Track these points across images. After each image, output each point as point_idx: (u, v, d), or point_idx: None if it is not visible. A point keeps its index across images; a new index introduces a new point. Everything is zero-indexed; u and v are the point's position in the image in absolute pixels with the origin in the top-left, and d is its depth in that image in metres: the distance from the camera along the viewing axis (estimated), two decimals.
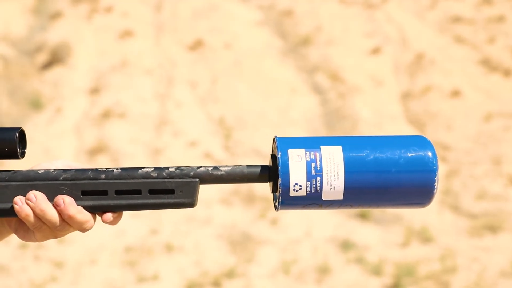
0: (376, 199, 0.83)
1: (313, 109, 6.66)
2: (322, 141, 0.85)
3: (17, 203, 0.84)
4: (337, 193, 0.82)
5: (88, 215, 0.87)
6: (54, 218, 0.85)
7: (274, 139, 0.86)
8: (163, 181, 0.87)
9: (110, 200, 0.87)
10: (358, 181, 0.82)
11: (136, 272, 4.52)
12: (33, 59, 7.26)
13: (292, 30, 7.65)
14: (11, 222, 0.90)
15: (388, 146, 0.83)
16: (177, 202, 0.87)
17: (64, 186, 0.86)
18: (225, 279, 4.45)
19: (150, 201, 0.87)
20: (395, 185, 0.82)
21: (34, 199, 0.85)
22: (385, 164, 0.82)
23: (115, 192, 0.87)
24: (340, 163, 0.82)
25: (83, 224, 0.86)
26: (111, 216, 0.87)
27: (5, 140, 0.85)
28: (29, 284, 4.40)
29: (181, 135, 6.25)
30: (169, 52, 7.34)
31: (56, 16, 7.74)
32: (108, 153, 5.99)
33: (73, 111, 6.57)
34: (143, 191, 0.87)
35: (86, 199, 0.86)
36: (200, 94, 6.82)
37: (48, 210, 0.85)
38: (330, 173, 0.81)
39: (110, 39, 7.44)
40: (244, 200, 5.39)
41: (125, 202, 0.87)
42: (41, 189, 0.86)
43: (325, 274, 4.48)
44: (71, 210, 0.85)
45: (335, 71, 7.03)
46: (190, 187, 0.87)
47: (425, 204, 0.85)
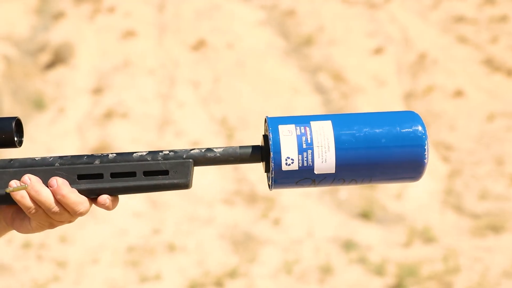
0: (368, 174, 0.84)
1: (316, 109, 6.66)
2: (312, 117, 0.86)
3: (12, 186, 0.85)
4: (329, 167, 0.82)
5: (82, 197, 0.87)
6: (48, 199, 0.85)
7: (266, 120, 0.87)
8: (158, 162, 0.88)
9: (106, 183, 0.87)
10: (349, 155, 0.82)
11: (138, 271, 4.53)
12: (36, 59, 7.28)
13: (294, 30, 7.65)
14: (8, 213, 0.90)
15: (378, 121, 0.84)
16: (172, 183, 0.88)
17: (60, 171, 0.87)
18: (227, 279, 4.45)
19: (145, 183, 0.88)
20: (386, 159, 0.83)
21: (28, 181, 0.86)
22: (376, 139, 0.83)
23: (110, 175, 0.87)
24: (330, 136, 0.82)
25: (77, 205, 0.86)
26: (107, 198, 0.87)
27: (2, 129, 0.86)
28: (31, 283, 4.41)
29: (184, 135, 6.25)
30: (171, 52, 7.35)
31: (59, 16, 7.76)
32: None
33: (75, 111, 6.59)
34: (138, 173, 0.87)
35: (82, 182, 0.87)
36: (203, 94, 6.83)
37: (42, 191, 0.85)
38: (320, 145, 0.82)
39: (112, 39, 7.46)
40: (246, 200, 5.39)
41: (121, 185, 0.87)
42: (38, 174, 0.87)
43: (328, 274, 4.48)
44: (64, 190, 0.85)
45: (337, 71, 7.04)
46: (184, 168, 0.88)
47: (417, 178, 0.85)
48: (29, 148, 5.63)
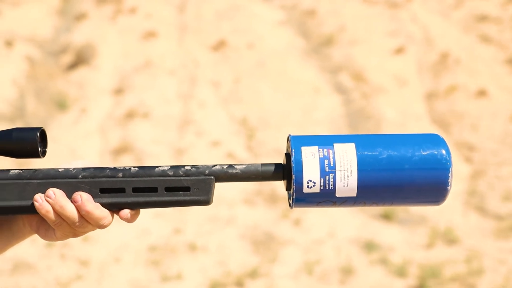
0: (390, 196, 0.83)
1: (336, 109, 6.63)
2: (335, 139, 0.85)
3: (37, 200, 0.86)
4: (351, 190, 0.82)
5: (105, 211, 0.88)
6: (72, 214, 0.86)
7: (288, 138, 0.87)
8: (179, 178, 0.88)
9: (128, 197, 0.88)
10: (372, 178, 0.82)
11: (160, 271, 4.56)
12: (59, 60, 7.36)
13: (315, 30, 7.63)
14: (33, 221, 0.92)
15: (402, 144, 0.83)
16: (192, 200, 0.88)
17: (82, 184, 0.88)
18: (248, 279, 4.45)
19: (167, 199, 0.88)
20: (408, 183, 0.82)
21: (53, 196, 0.86)
22: (399, 162, 0.82)
23: (132, 190, 0.88)
24: (353, 160, 0.82)
25: (100, 220, 0.88)
26: (129, 213, 0.89)
27: (27, 140, 0.87)
28: (55, 282, 4.46)
29: (204, 135, 6.27)
30: (192, 53, 7.38)
31: (81, 17, 7.84)
32: (132, 153, 6.05)
33: (97, 111, 6.65)
34: (160, 188, 0.88)
35: (104, 196, 0.88)
36: (223, 94, 6.84)
37: (67, 206, 0.86)
38: (343, 169, 0.81)
39: (134, 40, 7.51)
40: (267, 200, 5.39)
41: (142, 199, 0.88)
42: (61, 187, 0.88)
43: (349, 275, 4.46)
44: (89, 206, 0.87)
45: (358, 71, 7.00)
46: (205, 185, 0.88)
47: (439, 202, 0.84)
48: (52, 149, 5.69)
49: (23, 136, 0.87)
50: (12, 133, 0.87)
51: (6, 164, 4.90)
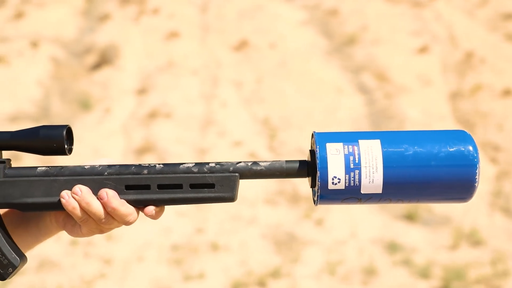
0: (416, 193, 0.82)
1: (359, 109, 6.60)
2: (360, 135, 0.84)
3: (63, 197, 0.87)
4: (376, 187, 0.81)
5: (131, 208, 0.89)
6: (98, 211, 0.87)
7: (313, 135, 0.87)
8: (204, 175, 0.89)
9: (153, 194, 0.89)
10: (397, 175, 0.81)
11: (182, 270, 4.58)
12: (83, 60, 7.44)
13: (337, 30, 7.60)
14: (59, 217, 0.93)
15: (428, 140, 0.82)
16: (217, 196, 0.89)
17: (108, 181, 0.89)
18: (270, 279, 4.45)
19: (191, 195, 0.89)
20: (435, 179, 0.81)
21: (79, 192, 0.87)
22: (425, 159, 0.81)
23: (157, 187, 0.89)
24: (378, 156, 0.81)
25: (126, 217, 0.89)
26: (153, 209, 0.89)
27: (53, 137, 0.88)
28: (79, 280, 4.51)
29: (226, 135, 6.29)
30: (214, 53, 7.41)
31: (105, 18, 7.91)
32: (155, 153, 6.09)
33: (121, 111, 6.71)
34: (184, 185, 0.89)
35: (130, 193, 0.89)
36: (245, 94, 6.85)
37: (93, 203, 0.87)
38: (368, 166, 0.81)
39: (157, 40, 7.56)
40: (289, 200, 5.39)
41: (167, 196, 0.89)
42: (87, 184, 0.89)
43: (371, 276, 4.44)
44: (114, 203, 0.87)
45: (381, 70, 6.95)
46: (230, 182, 0.89)
47: (466, 199, 0.84)
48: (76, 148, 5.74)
49: (50, 134, 0.88)
50: (39, 131, 0.88)
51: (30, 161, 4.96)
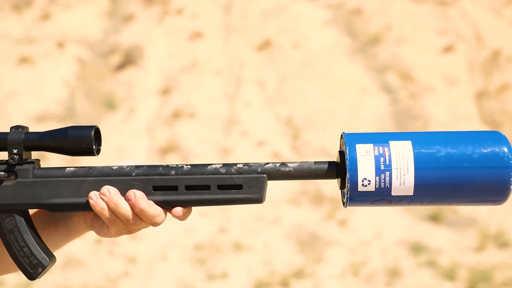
0: (448, 195, 0.80)
1: (383, 109, 6.55)
2: (391, 136, 0.82)
3: (92, 198, 0.87)
4: (407, 189, 0.80)
5: (158, 209, 0.89)
6: (126, 212, 0.87)
7: (342, 135, 0.85)
8: (232, 176, 0.88)
9: (180, 195, 0.89)
10: (429, 177, 0.79)
11: (205, 269, 4.59)
12: (108, 61, 7.51)
13: (361, 29, 7.55)
14: (88, 218, 0.93)
15: (461, 141, 0.80)
16: (245, 198, 0.88)
17: (136, 181, 0.89)
18: (293, 279, 4.44)
19: (219, 197, 0.88)
20: (468, 181, 0.79)
21: (107, 193, 0.87)
22: (457, 160, 0.79)
23: (185, 188, 0.89)
24: (409, 158, 0.80)
25: (154, 218, 0.88)
26: (181, 210, 0.89)
27: (82, 138, 0.88)
28: (104, 278, 4.55)
29: (249, 135, 6.29)
30: (237, 53, 7.41)
31: (129, 19, 7.97)
32: (178, 153, 6.12)
33: (145, 111, 6.75)
34: (212, 186, 0.88)
35: (157, 194, 0.89)
36: (268, 94, 6.85)
37: (121, 204, 0.87)
38: (399, 167, 0.79)
39: (180, 41, 7.60)
40: (312, 200, 5.37)
41: (195, 197, 0.89)
42: (115, 184, 0.89)
43: (396, 277, 4.40)
44: (142, 204, 0.87)
45: (406, 70, 6.89)
46: (258, 183, 0.88)
47: (501, 201, 0.81)
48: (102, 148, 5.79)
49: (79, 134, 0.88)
50: (68, 132, 0.88)
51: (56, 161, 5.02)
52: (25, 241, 0.89)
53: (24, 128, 0.88)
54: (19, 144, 0.87)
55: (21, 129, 0.88)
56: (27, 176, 0.88)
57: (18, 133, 0.87)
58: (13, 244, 0.89)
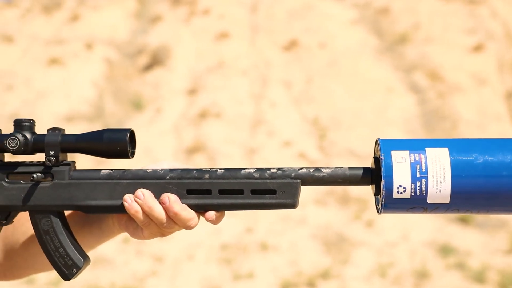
0: (485, 204, 0.79)
1: (411, 109, 6.48)
2: (427, 143, 0.81)
3: (126, 201, 0.88)
4: (444, 197, 0.78)
5: (192, 213, 0.89)
6: (161, 215, 0.88)
7: (377, 141, 0.84)
8: (265, 181, 0.88)
9: (214, 199, 0.89)
10: (466, 185, 0.78)
11: (232, 269, 4.60)
12: (135, 61, 7.58)
13: (388, 28, 7.49)
14: (122, 220, 0.94)
15: (499, 148, 0.79)
16: (278, 203, 0.88)
17: (170, 185, 0.89)
18: (320, 280, 4.43)
19: (252, 201, 0.88)
20: (506, 190, 0.77)
21: (142, 196, 0.88)
22: (496, 168, 0.78)
23: (218, 192, 0.89)
24: (446, 166, 0.78)
25: (188, 221, 0.89)
26: (214, 214, 0.89)
27: (117, 140, 0.89)
28: (131, 277, 4.59)
29: (276, 135, 6.29)
30: (264, 53, 7.41)
31: (156, 20, 8.03)
32: (204, 153, 6.14)
33: (172, 111, 6.80)
34: (246, 191, 0.88)
35: (191, 197, 0.89)
36: (295, 94, 6.83)
37: (155, 207, 0.88)
38: (436, 175, 0.78)
39: (207, 41, 7.63)
40: (339, 201, 5.34)
41: (228, 202, 0.89)
42: (149, 187, 0.89)
43: (424, 279, 4.35)
44: (176, 208, 0.87)
45: (434, 69, 6.81)
46: (291, 188, 0.87)
47: None
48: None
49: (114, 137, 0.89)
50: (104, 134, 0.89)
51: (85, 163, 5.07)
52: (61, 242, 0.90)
53: (61, 130, 0.89)
54: (56, 146, 0.88)
55: (58, 131, 0.89)
56: (63, 177, 0.89)
57: (55, 135, 0.88)
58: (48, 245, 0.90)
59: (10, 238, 1.01)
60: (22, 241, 1.00)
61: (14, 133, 0.87)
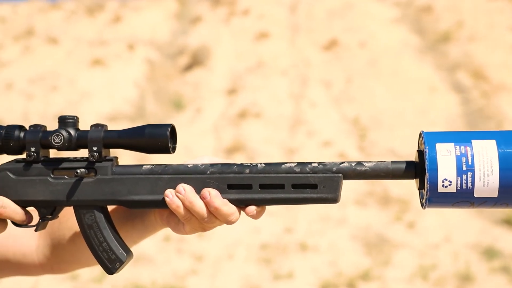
0: None
1: (454, 108, 6.36)
2: (473, 135, 0.79)
3: (168, 196, 0.88)
4: (491, 190, 0.76)
5: (233, 207, 0.88)
6: (201, 210, 0.88)
7: (421, 134, 0.82)
8: (306, 175, 0.86)
9: (254, 194, 0.88)
10: None
11: (271, 269, 4.60)
12: (176, 62, 7.66)
13: (431, 27, 7.37)
14: (163, 215, 0.95)
15: None
16: (320, 197, 0.86)
17: (211, 179, 0.89)
18: (360, 281, 4.38)
19: (293, 196, 0.87)
20: None
21: (183, 191, 0.88)
22: None
23: (259, 186, 0.88)
24: (494, 158, 0.76)
25: (228, 216, 0.88)
26: (255, 209, 0.88)
27: (158, 136, 0.89)
28: (172, 275, 4.63)
29: (315, 135, 6.26)
30: (303, 52, 7.39)
31: (197, 20, 8.10)
32: (244, 152, 6.16)
33: (211, 111, 6.84)
34: (286, 185, 0.87)
35: (232, 192, 0.88)
36: (335, 94, 6.79)
37: (196, 202, 0.88)
38: (483, 168, 0.76)
39: (246, 41, 7.65)
40: (379, 201, 5.28)
41: (269, 196, 0.88)
42: (190, 182, 0.89)
43: (467, 282, 4.26)
44: (217, 202, 0.87)
45: (478, 68, 6.67)
46: (333, 182, 0.86)
47: None
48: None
49: (155, 133, 0.89)
50: (145, 130, 0.90)
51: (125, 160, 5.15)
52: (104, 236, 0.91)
53: (103, 126, 0.90)
54: (98, 142, 0.89)
55: (101, 127, 0.90)
56: (106, 173, 0.90)
57: (98, 131, 0.89)
58: (92, 239, 0.91)
59: (57, 233, 1.02)
60: (69, 236, 1.02)
61: (59, 130, 0.89)
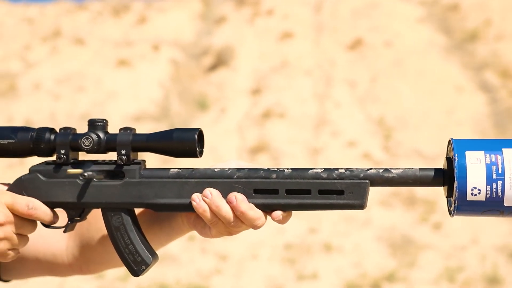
0: None
1: (481, 108, 6.28)
2: (504, 143, 0.78)
3: (194, 200, 0.89)
4: None
5: (259, 212, 0.89)
6: (228, 214, 0.88)
7: (450, 141, 0.81)
8: (333, 181, 0.86)
9: (281, 199, 0.88)
10: None
11: (295, 269, 4.59)
12: (200, 62, 7.69)
13: (457, 26, 7.28)
14: (190, 218, 0.95)
15: None
16: (346, 203, 0.86)
17: (237, 184, 0.89)
18: (385, 283, 4.35)
19: (319, 201, 0.87)
20: None
21: (210, 196, 0.88)
22: None
23: (285, 191, 0.88)
24: None
25: (255, 221, 0.89)
26: (281, 214, 0.88)
27: (186, 140, 0.90)
28: (196, 274, 4.66)
29: (340, 135, 6.23)
30: (328, 52, 7.36)
31: (221, 21, 8.13)
32: (268, 152, 6.16)
33: (236, 111, 6.85)
34: (313, 191, 0.87)
35: (258, 197, 0.89)
36: (359, 93, 6.75)
37: (222, 207, 0.88)
38: None
39: (271, 41, 7.65)
40: (405, 203, 5.24)
41: (295, 202, 0.88)
42: (217, 186, 0.89)
43: (495, 285, 4.20)
44: (243, 207, 0.88)
45: (506, 67, 6.57)
46: (360, 189, 0.85)
47: None
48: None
49: (183, 137, 0.90)
50: (173, 134, 0.90)
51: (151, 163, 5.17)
52: (131, 238, 0.92)
53: (132, 129, 0.91)
54: (127, 145, 0.90)
55: (129, 131, 0.91)
56: (134, 176, 0.91)
57: (127, 135, 0.90)
58: (119, 241, 0.92)
59: (86, 235, 1.04)
60: (97, 237, 1.03)
61: (88, 133, 0.89)
